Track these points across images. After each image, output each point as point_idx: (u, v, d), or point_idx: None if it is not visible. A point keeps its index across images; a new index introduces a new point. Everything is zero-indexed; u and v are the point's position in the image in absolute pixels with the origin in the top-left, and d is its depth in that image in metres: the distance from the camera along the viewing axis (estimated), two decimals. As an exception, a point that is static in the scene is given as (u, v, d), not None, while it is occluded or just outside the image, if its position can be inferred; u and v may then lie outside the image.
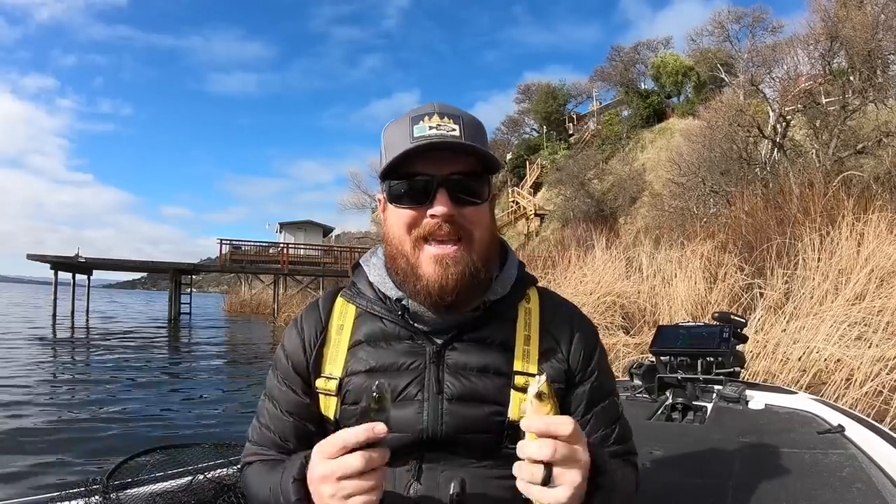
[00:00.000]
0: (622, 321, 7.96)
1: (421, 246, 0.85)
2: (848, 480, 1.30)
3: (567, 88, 38.58)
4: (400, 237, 0.86)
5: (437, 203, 0.82)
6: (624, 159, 30.95)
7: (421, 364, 0.88)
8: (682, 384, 2.10)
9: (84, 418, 6.20)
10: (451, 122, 0.84)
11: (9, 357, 10.85)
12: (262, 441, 0.95)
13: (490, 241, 0.89)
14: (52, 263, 22.18)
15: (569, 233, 17.88)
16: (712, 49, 28.63)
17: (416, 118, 0.85)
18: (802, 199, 8.17)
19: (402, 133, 0.85)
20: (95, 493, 1.24)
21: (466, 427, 0.85)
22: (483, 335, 0.89)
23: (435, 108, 0.86)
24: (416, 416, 0.85)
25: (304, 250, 31.55)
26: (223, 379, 10.11)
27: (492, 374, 0.87)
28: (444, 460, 0.85)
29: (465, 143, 0.83)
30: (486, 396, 0.86)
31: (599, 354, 0.96)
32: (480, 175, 0.87)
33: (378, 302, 0.93)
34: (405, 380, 0.87)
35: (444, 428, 0.85)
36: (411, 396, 0.86)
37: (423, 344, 0.89)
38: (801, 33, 16.96)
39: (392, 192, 0.86)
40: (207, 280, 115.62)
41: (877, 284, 5.22)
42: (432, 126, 0.83)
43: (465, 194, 0.84)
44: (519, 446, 0.70)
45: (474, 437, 0.85)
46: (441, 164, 0.83)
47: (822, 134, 15.17)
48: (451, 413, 0.85)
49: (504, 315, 0.92)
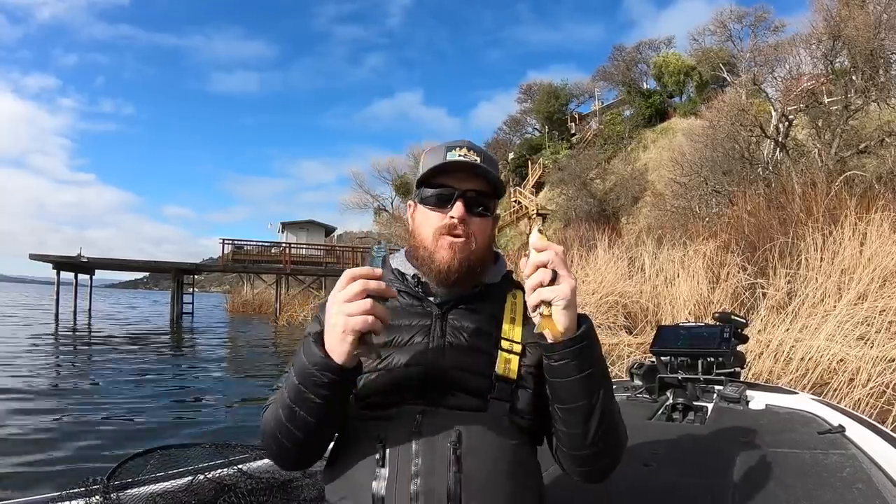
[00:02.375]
0: (624, 321, 7.96)
1: (439, 238, 1.07)
2: (848, 481, 1.30)
3: (569, 88, 38.57)
4: (425, 232, 1.09)
5: (455, 209, 1.06)
6: (626, 159, 30.90)
7: (428, 321, 1.07)
8: (683, 384, 2.10)
9: (84, 418, 6.21)
10: (475, 154, 1.09)
11: (10, 357, 10.89)
12: None
13: (487, 247, 1.12)
14: (54, 263, 22.25)
15: (571, 232, 17.89)
16: (714, 48, 28.61)
17: (451, 147, 1.09)
18: (805, 198, 8.15)
19: (437, 156, 1.10)
20: (96, 493, 1.24)
21: (463, 366, 1.02)
22: (478, 306, 1.09)
23: (465, 142, 1.11)
24: (422, 354, 1.02)
25: (307, 250, 31.59)
26: (224, 379, 10.13)
27: (483, 334, 1.06)
28: (442, 415, 0.98)
29: (479, 166, 1.07)
30: (479, 349, 1.04)
31: None
32: (489, 196, 1.10)
33: (396, 280, 1.13)
34: (413, 332, 1.05)
35: (444, 362, 1.02)
36: (418, 342, 1.04)
37: (430, 309, 1.09)
38: (804, 33, 16.96)
39: (423, 198, 1.11)
40: (210, 280, 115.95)
41: (879, 284, 5.21)
42: (461, 154, 1.08)
43: (476, 206, 1.08)
44: (529, 260, 0.91)
45: (469, 376, 1.01)
46: (461, 181, 1.08)
47: (825, 133, 15.13)
48: (450, 353, 1.03)
49: (495, 297, 1.11)
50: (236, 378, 10.37)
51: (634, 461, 1.43)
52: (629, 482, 1.32)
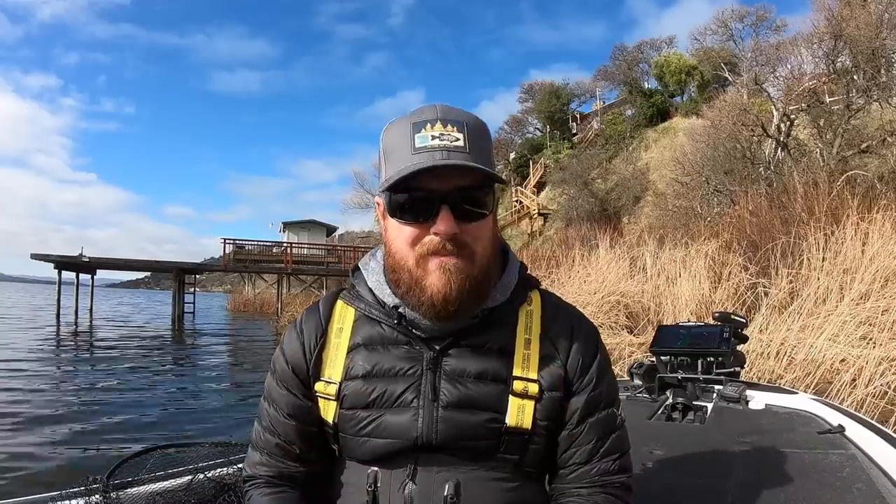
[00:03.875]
0: (626, 321, 7.94)
1: (425, 261, 0.82)
2: (848, 481, 1.29)
3: (570, 88, 38.54)
4: (403, 252, 0.84)
5: (441, 222, 0.80)
6: (627, 159, 30.85)
7: (418, 370, 0.87)
8: (683, 384, 2.09)
9: (85, 417, 6.23)
10: (455, 129, 0.81)
11: (11, 356, 10.91)
12: (267, 446, 0.95)
13: (492, 252, 0.88)
14: (55, 263, 22.30)
15: (572, 232, 17.88)
16: (716, 48, 28.63)
17: (418, 125, 0.81)
18: (807, 198, 8.10)
19: (403, 140, 0.82)
20: (96, 492, 1.25)
21: (461, 434, 0.85)
22: (481, 341, 0.88)
23: (438, 112, 0.82)
24: (412, 423, 0.85)
25: (308, 250, 31.63)
26: (225, 378, 10.15)
27: (489, 380, 0.86)
28: (439, 463, 0.86)
29: (469, 165, 0.79)
30: (483, 403, 0.85)
31: (599, 363, 0.93)
32: (484, 186, 0.83)
33: (376, 306, 0.92)
34: (402, 386, 0.86)
35: (437, 436, 0.84)
36: (407, 403, 0.86)
37: (420, 350, 0.88)
38: (805, 32, 16.90)
39: (392, 205, 0.83)
40: (211, 279, 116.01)
41: (881, 284, 5.19)
42: (435, 135, 0.80)
43: (469, 206, 0.82)
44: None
45: (469, 443, 0.85)
46: (444, 179, 0.80)
47: (826, 133, 15.08)
48: (445, 420, 0.85)
49: (503, 320, 0.90)
50: (237, 377, 10.39)
51: (634, 461, 1.42)
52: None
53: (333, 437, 0.91)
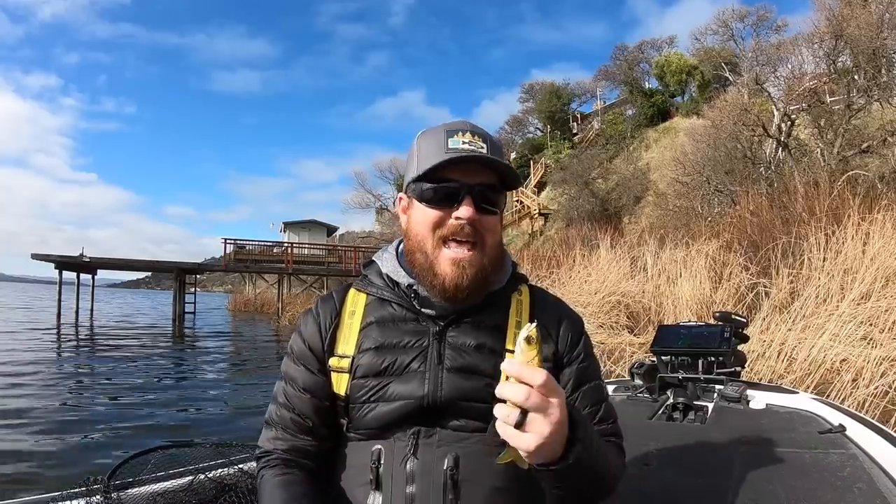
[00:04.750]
0: (627, 321, 7.95)
1: (441, 246, 0.96)
2: (849, 480, 1.30)
3: (571, 88, 38.57)
4: (423, 234, 0.97)
5: (464, 208, 0.94)
6: (628, 158, 30.85)
7: (425, 342, 0.98)
8: (683, 384, 2.09)
9: (86, 417, 6.23)
10: (480, 140, 0.96)
11: (12, 356, 10.92)
12: (282, 421, 1.03)
13: (499, 246, 1.01)
14: (56, 263, 22.32)
15: (573, 232, 17.81)
16: (716, 48, 28.59)
17: (451, 132, 0.96)
18: (807, 198, 8.10)
19: (436, 143, 0.96)
20: (96, 492, 1.25)
21: (463, 395, 0.95)
22: (480, 319, 1.00)
23: (467, 125, 0.98)
24: (419, 385, 0.95)
25: (308, 250, 31.61)
26: (226, 378, 10.15)
27: (486, 351, 0.97)
28: (439, 437, 0.94)
29: (496, 160, 0.95)
30: (481, 370, 0.96)
31: (585, 341, 1.06)
32: (497, 189, 0.98)
33: (388, 289, 1.03)
34: (410, 356, 0.97)
35: (442, 394, 0.94)
36: (415, 369, 0.96)
37: (426, 325, 0.99)
38: (806, 32, 16.87)
39: (423, 194, 0.97)
40: (212, 279, 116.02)
41: (882, 284, 5.19)
42: (465, 141, 0.95)
43: (486, 203, 0.96)
44: (498, 387, 0.74)
45: (469, 405, 0.95)
46: (469, 175, 0.95)
47: (827, 133, 15.08)
48: (449, 382, 0.95)
49: (499, 303, 1.03)
50: (238, 377, 10.40)
51: (634, 461, 1.43)
52: (629, 482, 1.31)
53: (344, 409, 0.99)
